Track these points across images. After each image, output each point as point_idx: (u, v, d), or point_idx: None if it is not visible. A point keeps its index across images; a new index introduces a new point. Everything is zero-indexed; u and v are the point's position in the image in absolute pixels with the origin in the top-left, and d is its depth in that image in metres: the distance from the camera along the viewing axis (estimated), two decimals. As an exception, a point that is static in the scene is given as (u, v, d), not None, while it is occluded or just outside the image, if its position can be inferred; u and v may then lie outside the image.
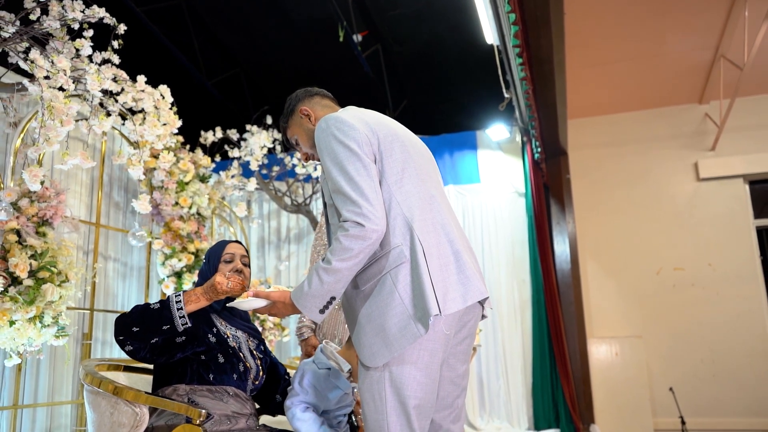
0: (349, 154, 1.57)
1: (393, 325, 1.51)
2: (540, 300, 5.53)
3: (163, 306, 1.91)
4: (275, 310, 1.68)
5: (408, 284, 1.53)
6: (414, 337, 1.49)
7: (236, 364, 2.07)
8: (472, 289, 1.60)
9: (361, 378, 1.59)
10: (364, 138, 1.62)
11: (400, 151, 1.68)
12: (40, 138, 2.44)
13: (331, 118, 1.66)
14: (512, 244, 5.76)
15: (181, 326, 1.89)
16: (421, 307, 1.49)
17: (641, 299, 6.24)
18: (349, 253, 1.50)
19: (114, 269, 4.29)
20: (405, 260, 1.54)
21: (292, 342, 5.74)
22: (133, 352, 1.92)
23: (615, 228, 6.45)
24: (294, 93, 1.97)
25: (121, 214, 4.39)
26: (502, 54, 4.36)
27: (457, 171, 6.05)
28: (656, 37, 5.33)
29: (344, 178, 1.55)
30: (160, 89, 3.31)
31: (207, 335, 2.05)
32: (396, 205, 1.60)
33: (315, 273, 1.54)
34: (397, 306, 1.52)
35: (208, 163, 4.28)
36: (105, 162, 4.10)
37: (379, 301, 1.54)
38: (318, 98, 1.94)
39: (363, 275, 1.59)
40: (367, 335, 1.54)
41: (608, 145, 6.69)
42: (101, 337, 4.13)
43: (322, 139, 1.64)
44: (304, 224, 6.12)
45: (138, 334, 1.88)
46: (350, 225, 1.50)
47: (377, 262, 1.57)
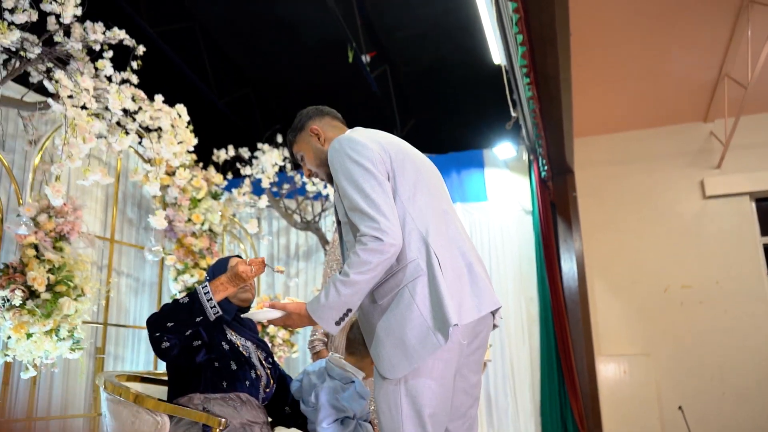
0: (363, 172, 1.62)
1: (413, 337, 1.55)
2: (548, 317, 5.54)
3: (192, 299, 1.97)
4: (290, 321, 1.71)
5: (426, 296, 1.57)
6: (434, 347, 1.53)
7: (248, 371, 2.12)
8: (485, 299, 1.67)
9: (376, 388, 1.62)
10: (378, 157, 1.68)
11: (412, 169, 1.75)
12: (63, 155, 2.52)
13: (344, 138, 1.71)
14: (519, 262, 5.79)
15: (213, 315, 1.95)
16: (440, 317, 1.53)
17: (649, 317, 6.24)
18: (368, 266, 1.54)
19: (127, 284, 4.35)
20: (422, 273, 1.59)
21: (300, 359, 5.76)
22: (168, 348, 1.98)
23: (622, 246, 6.48)
24: (305, 109, 2.00)
25: (134, 230, 4.47)
26: (509, 73, 4.45)
27: (464, 189, 6.11)
28: (661, 55, 5.42)
29: (360, 195, 1.59)
30: (177, 108, 3.41)
31: (221, 343, 2.11)
32: (410, 220, 1.65)
33: (332, 285, 1.58)
34: (415, 318, 1.56)
35: (220, 180, 4.36)
36: (120, 179, 4.19)
37: (398, 314, 1.58)
38: (329, 119, 1.97)
39: (380, 290, 1.63)
40: (387, 348, 1.58)
41: (614, 163, 6.75)
42: (114, 352, 4.18)
43: (336, 159, 1.68)
44: (313, 241, 6.18)
45: (173, 328, 1.95)
46: (369, 239, 1.54)
47: (394, 276, 1.61)
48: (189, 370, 2.06)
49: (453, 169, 6.17)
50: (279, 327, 5.00)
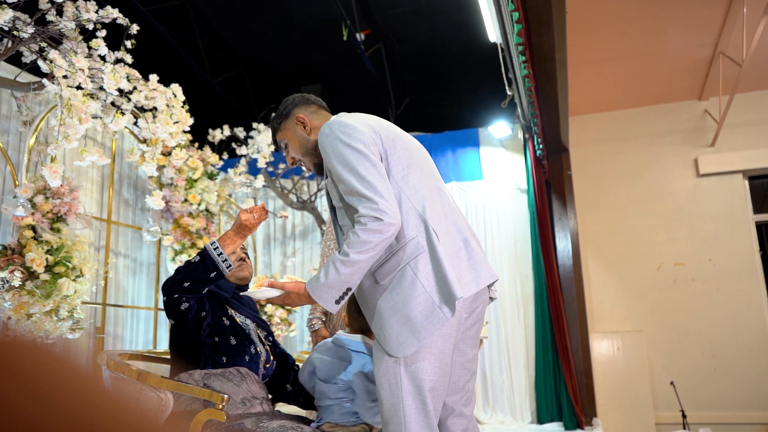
0: (357, 155, 1.64)
1: (418, 314, 1.58)
2: (542, 295, 5.61)
3: (203, 256, 2.01)
4: (289, 300, 1.73)
5: (429, 272, 1.60)
6: (441, 321, 1.57)
7: (248, 346, 2.17)
8: (482, 272, 1.71)
9: (376, 365, 1.66)
10: (369, 138, 1.69)
11: (403, 149, 1.77)
12: (59, 135, 2.52)
13: (334, 122, 1.72)
14: (515, 240, 5.85)
15: (226, 269, 2.01)
16: (445, 291, 1.57)
17: (642, 294, 6.33)
18: (368, 245, 1.57)
19: (124, 265, 4.38)
20: (422, 250, 1.62)
21: (298, 337, 5.83)
22: (187, 310, 2.04)
23: (616, 224, 6.54)
24: (291, 96, 2.00)
25: (130, 211, 4.48)
26: (504, 52, 4.44)
27: (459, 168, 6.13)
28: (656, 34, 5.42)
29: (356, 178, 1.61)
30: (172, 88, 3.40)
31: (221, 318, 2.16)
32: (406, 199, 1.68)
33: (332, 264, 1.60)
34: (420, 294, 1.59)
35: (216, 160, 4.37)
36: (115, 160, 4.18)
37: (401, 292, 1.61)
38: (315, 107, 1.97)
39: (382, 270, 1.66)
40: (393, 327, 1.60)
41: (609, 141, 6.78)
42: (113, 332, 4.22)
43: (327, 144, 1.69)
44: (309, 221, 6.20)
45: (190, 288, 2.01)
46: (368, 220, 1.56)
47: (395, 255, 1.64)
48: (190, 345, 2.10)
49: (448, 148, 6.19)
50: (277, 306, 5.05)
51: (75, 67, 2.63)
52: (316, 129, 1.90)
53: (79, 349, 3.76)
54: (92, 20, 2.98)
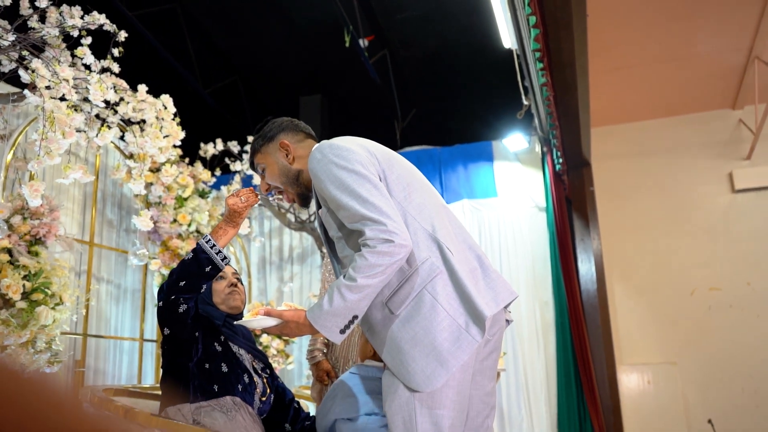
0: (356, 177, 1.64)
1: (444, 340, 1.58)
2: (564, 323, 5.59)
3: (196, 252, 2.05)
4: (287, 329, 1.71)
5: (450, 293, 1.61)
6: (470, 345, 1.57)
7: (241, 375, 2.16)
8: (500, 291, 1.73)
9: (388, 400, 1.64)
10: (366, 158, 1.71)
11: (400, 168, 1.79)
12: (41, 151, 2.55)
13: (325, 146, 1.73)
14: (533, 263, 5.84)
15: (221, 261, 2.05)
16: (472, 312, 1.58)
17: (674, 322, 6.29)
18: (377, 269, 1.56)
19: (107, 292, 4.39)
20: (439, 271, 1.63)
21: (296, 370, 5.80)
22: (186, 312, 2.08)
23: (644, 245, 6.53)
24: (278, 119, 2.01)
25: (114, 232, 4.50)
26: (520, 58, 4.48)
27: (471, 184, 6.15)
28: (685, 38, 5.46)
29: (358, 201, 1.61)
30: (162, 99, 3.44)
31: (213, 343, 2.16)
32: (412, 219, 1.70)
33: (336, 290, 1.59)
34: (443, 320, 1.59)
35: (208, 177, 4.40)
36: (99, 177, 4.22)
37: (421, 319, 1.60)
38: (302, 136, 1.98)
39: (395, 298, 1.65)
40: (417, 359, 1.59)
41: (635, 155, 6.79)
42: (93, 365, 4.21)
43: (321, 170, 1.69)
44: (308, 243, 6.21)
45: (186, 286, 2.05)
46: (377, 242, 1.56)
47: (408, 281, 1.64)
48: (179, 373, 2.10)
49: (459, 163, 6.21)
50: (273, 336, 5.04)
51: (59, 77, 2.67)
52: (300, 159, 1.91)
53: (58, 384, 3.76)
54: (77, 27, 3.03)
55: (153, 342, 4.60)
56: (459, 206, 6.02)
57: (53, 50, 3.03)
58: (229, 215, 2.06)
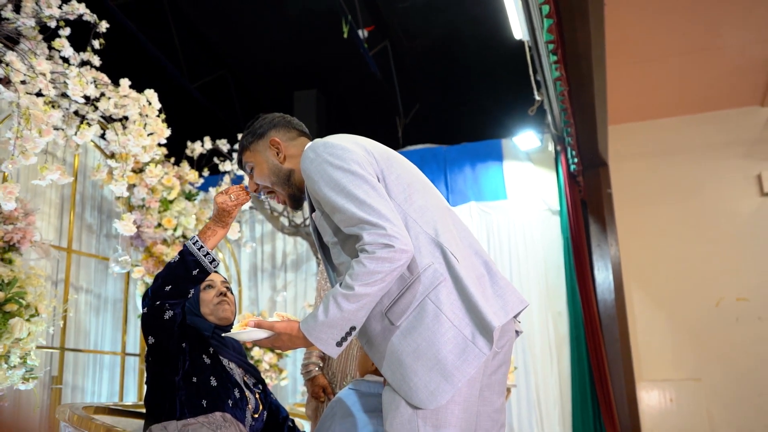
0: (352, 177, 1.64)
1: (449, 353, 1.57)
2: (579, 336, 5.58)
3: (182, 254, 2.05)
4: (280, 342, 1.71)
5: (455, 302, 1.61)
6: (477, 358, 1.57)
7: (231, 389, 2.16)
8: (509, 299, 1.72)
9: (389, 419, 1.64)
10: (363, 158, 1.71)
11: (400, 168, 1.79)
12: (16, 150, 2.55)
13: (319, 145, 1.73)
14: (545, 271, 5.83)
15: (209, 263, 2.05)
16: (478, 322, 1.58)
17: (698, 335, 6.28)
18: (376, 276, 1.56)
19: (86, 302, 4.38)
20: (442, 279, 1.62)
21: (290, 386, 5.79)
22: (173, 319, 2.08)
23: (665, 251, 6.52)
24: (269, 115, 2.01)
25: (94, 238, 4.50)
26: (532, 51, 4.49)
27: (479, 186, 6.15)
28: (710, 28, 5.46)
29: (355, 203, 1.61)
30: (146, 94, 3.44)
31: (202, 355, 2.16)
32: (413, 223, 1.70)
33: (332, 300, 1.59)
34: (447, 330, 1.59)
35: (195, 178, 4.39)
36: (77, 178, 4.22)
37: (424, 330, 1.60)
38: (295, 134, 1.97)
39: (395, 308, 1.65)
40: (420, 374, 1.59)
41: (655, 154, 6.79)
42: (71, 381, 4.20)
43: (314, 170, 1.69)
44: (303, 249, 6.21)
45: (173, 291, 2.05)
46: (376, 247, 1.56)
47: (409, 289, 1.64)
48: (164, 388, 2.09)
49: (466, 163, 6.21)
50: (265, 349, 5.03)
51: (35, 71, 2.67)
52: (291, 158, 1.91)
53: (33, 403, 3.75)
54: (55, 17, 3.03)
55: (136, 356, 4.60)
56: (466, 209, 6.02)
57: (29, 42, 3.03)
58: (218, 215, 2.05)
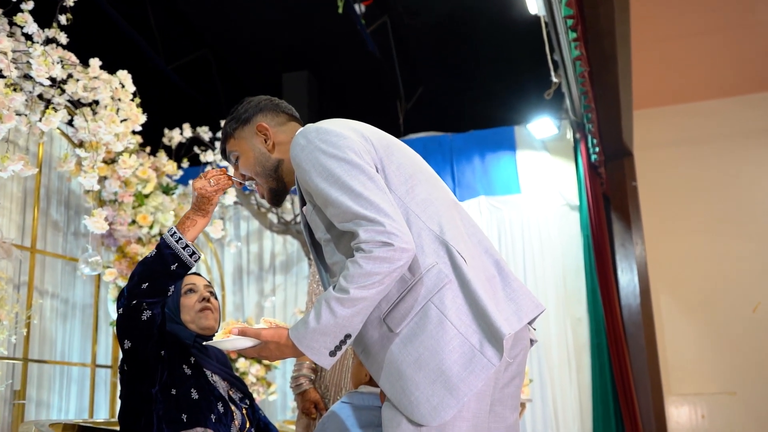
0: (347, 167, 1.64)
1: (453, 363, 1.57)
2: (601, 345, 5.58)
3: (160, 248, 2.05)
4: (267, 351, 1.70)
5: (461, 306, 1.61)
6: (485, 369, 1.56)
7: (214, 403, 2.17)
8: (523, 303, 1.73)
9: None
10: (359, 145, 1.70)
11: (401, 156, 1.79)
12: (-26, 138, 2.56)
13: (311, 130, 1.73)
14: (563, 272, 5.83)
15: (189, 257, 2.05)
16: (486, 329, 1.58)
17: (734, 344, 6.28)
18: (373, 278, 1.56)
19: (52, 308, 4.38)
20: (448, 280, 1.62)
21: (280, 401, 5.80)
22: (151, 320, 2.08)
23: (697, 250, 6.52)
24: (255, 98, 2.01)
25: (60, 236, 4.49)
26: (549, 27, 4.49)
27: (490, 178, 6.14)
28: (743, 4, 5.45)
29: (350, 196, 1.61)
30: (118, 76, 3.44)
31: (182, 365, 2.17)
32: (415, 218, 1.70)
33: (325, 304, 1.59)
34: (452, 338, 1.59)
35: (174, 170, 4.39)
36: (42, 170, 4.21)
37: (426, 338, 1.60)
38: (284, 118, 1.98)
39: (395, 313, 1.65)
40: (422, 387, 1.58)
41: (686, 142, 6.78)
42: (36, 396, 4.20)
43: (305, 159, 1.69)
44: (293, 249, 6.21)
45: (149, 289, 2.05)
46: (373, 246, 1.56)
47: (410, 291, 1.64)
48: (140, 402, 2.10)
49: (475, 153, 6.21)
50: (252, 360, 5.03)
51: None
52: (281, 146, 1.92)
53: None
54: (16, -11, 3.04)
55: (107, 368, 4.59)
56: (474, 204, 6.02)
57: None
58: (197, 202, 2.04)
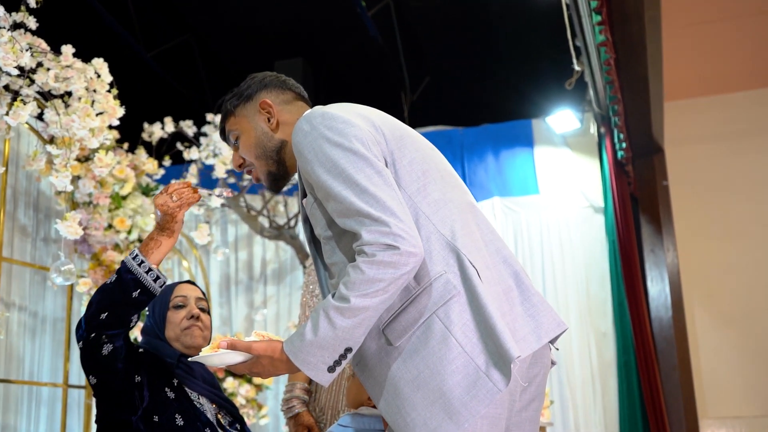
0: (354, 158, 1.64)
1: (456, 385, 1.56)
2: (629, 363, 5.57)
3: (120, 272, 2.03)
4: (259, 367, 1.71)
5: (468, 322, 1.60)
6: (489, 395, 1.55)
7: (201, 429, 2.16)
8: (543, 320, 1.71)
9: None
10: (368, 135, 1.70)
11: (415, 150, 1.79)
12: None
13: (316, 114, 1.73)
14: (586, 282, 5.82)
15: (153, 282, 2.03)
16: (494, 350, 1.56)
17: (776, 361, 6.27)
18: (376, 285, 1.55)
19: (19, 321, 4.37)
20: (456, 292, 1.61)
21: (272, 425, 5.79)
22: (113, 354, 2.06)
23: (735, 257, 6.50)
24: (260, 74, 2.03)
25: (29, 242, 4.48)
26: (571, 10, 4.48)
27: (504, 177, 6.13)
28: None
29: (354, 191, 1.60)
30: (94, 64, 3.43)
31: (164, 389, 2.16)
32: (425, 220, 1.69)
33: (323, 315, 1.59)
34: (456, 357, 1.58)
35: (154, 168, 4.39)
36: (8, 169, 4.20)
37: (428, 355, 1.60)
38: (291, 96, 2.00)
39: (396, 324, 1.65)
40: (419, 408, 1.59)
41: (723, 137, 6.77)
42: (2, 420, 4.19)
43: (308, 146, 1.69)
44: (287, 256, 6.20)
45: (109, 320, 2.03)
46: (376, 249, 1.56)
47: (414, 302, 1.64)
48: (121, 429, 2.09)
49: (488, 149, 6.20)
50: (241, 380, 5.02)
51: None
52: (285, 126, 1.93)
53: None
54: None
55: (81, 389, 4.59)
56: (488, 206, 6.01)
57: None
58: (161, 221, 2.04)
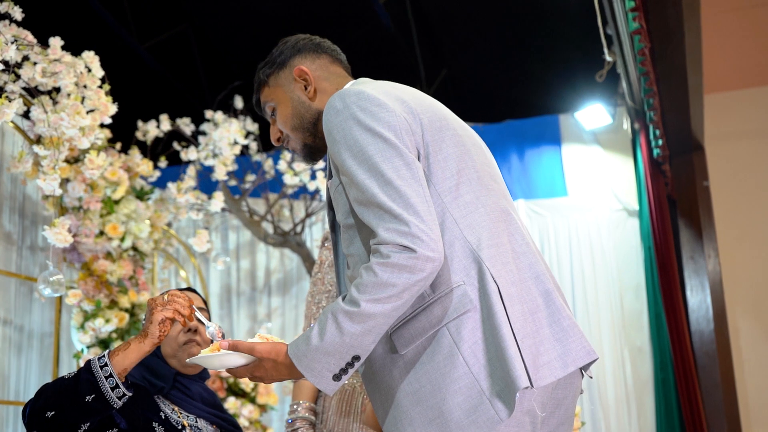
0: (383, 146, 1.64)
1: (456, 406, 1.57)
2: (667, 380, 5.55)
3: (80, 370, 2.02)
4: (261, 371, 1.72)
5: (478, 342, 1.60)
6: (491, 423, 1.55)
7: None
8: (572, 346, 1.69)
9: None
10: (403, 123, 1.70)
11: (454, 144, 1.78)
12: None
13: (351, 93, 1.73)
14: (620, 292, 5.80)
15: (110, 390, 1.98)
16: (501, 376, 1.55)
17: (829, 378, 6.24)
18: (389, 290, 1.56)
19: (4, 336, 4.39)
20: (471, 306, 1.62)
21: (277, 449, 5.80)
22: None
23: (783, 265, 6.48)
24: (293, 38, 2.03)
25: (14, 251, 4.50)
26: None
27: (530, 178, 6.13)
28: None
29: (378, 182, 1.61)
30: (84, 58, 3.45)
31: (151, 423, 2.16)
32: (452, 224, 1.69)
33: (331, 318, 1.60)
34: (461, 377, 1.58)
35: (149, 170, 4.40)
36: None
37: (432, 369, 1.61)
38: (327, 60, 2.01)
39: (404, 331, 1.65)
40: (415, 423, 1.60)
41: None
42: (-15, 443, 4.22)
43: (337, 126, 1.70)
44: (292, 265, 6.20)
45: (54, 419, 1.98)
46: (392, 249, 1.56)
47: (427, 310, 1.64)
48: None
49: (512, 148, 6.20)
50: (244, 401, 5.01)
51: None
52: (323, 94, 1.94)
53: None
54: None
55: (70, 409, 4.60)
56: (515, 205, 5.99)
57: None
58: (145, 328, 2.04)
